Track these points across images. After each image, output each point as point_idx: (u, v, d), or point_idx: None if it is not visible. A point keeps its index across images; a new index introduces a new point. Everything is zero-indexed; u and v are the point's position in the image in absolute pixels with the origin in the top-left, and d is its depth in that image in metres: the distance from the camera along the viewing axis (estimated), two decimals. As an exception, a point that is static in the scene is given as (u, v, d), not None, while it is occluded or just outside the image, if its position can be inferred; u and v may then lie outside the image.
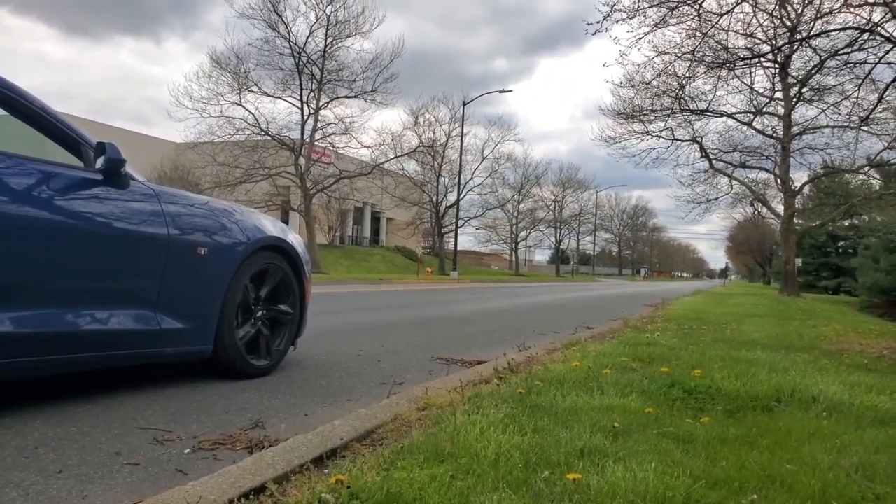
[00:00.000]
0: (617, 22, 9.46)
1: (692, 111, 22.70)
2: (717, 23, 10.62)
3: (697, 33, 11.76)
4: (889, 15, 8.65)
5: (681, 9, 9.53)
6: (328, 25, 25.57)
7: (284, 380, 3.54)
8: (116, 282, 2.87)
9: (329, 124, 27.23)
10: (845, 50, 11.37)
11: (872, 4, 9.73)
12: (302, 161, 26.52)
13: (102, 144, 2.81)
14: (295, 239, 3.95)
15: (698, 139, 24.89)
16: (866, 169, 24.37)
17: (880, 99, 11.82)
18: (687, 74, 15.75)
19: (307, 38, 25.60)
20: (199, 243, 3.20)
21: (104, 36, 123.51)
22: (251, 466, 1.87)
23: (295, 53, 25.61)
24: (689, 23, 10.96)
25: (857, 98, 14.52)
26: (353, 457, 2.05)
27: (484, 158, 41.90)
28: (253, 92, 25.78)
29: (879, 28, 9.23)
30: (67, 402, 2.76)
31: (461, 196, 38.57)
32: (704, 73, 16.05)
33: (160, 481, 1.91)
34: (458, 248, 38.69)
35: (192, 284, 3.18)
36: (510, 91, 36.40)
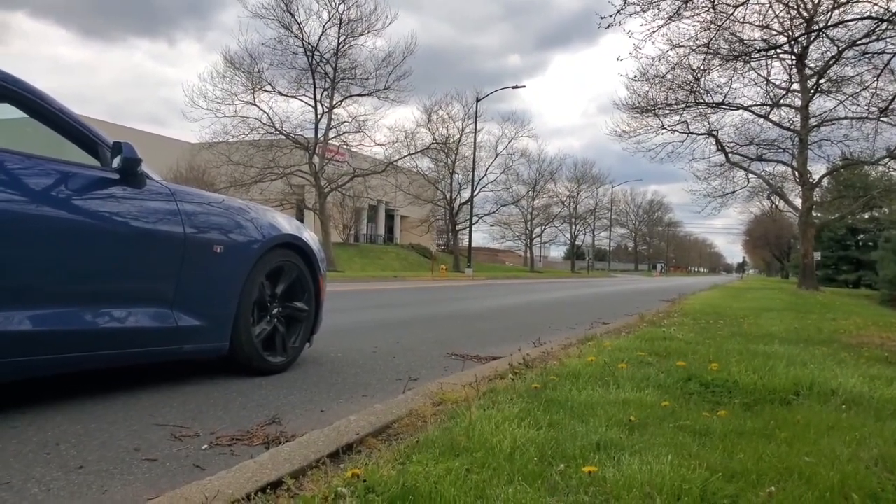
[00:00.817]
0: (630, 15, 9.42)
1: (707, 104, 22.50)
2: (732, 14, 10.52)
3: (712, 25, 11.63)
4: (908, 3, 8.50)
5: (695, 1, 9.44)
6: (341, 24, 25.67)
7: (300, 376, 3.56)
8: (133, 280, 2.89)
9: (342, 122, 27.37)
10: (863, 40, 11.21)
11: (891, -7, 9.58)
12: (316, 160, 26.64)
13: (119, 144, 2.84)
14: (310, 236, 3.97)
15: (714, 132, 24.66)
16: (886, 160, 23.98)
17: (900, 89, 11.63)
18: (702, 67, 15.62)
19: (320, 37, 25.74)
20: (215, 241, 3.21)
21: (119, 38, 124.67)
22: (268, 461, 1.88)
23: (308, 52, 25.72)
24: (703, 15, 10.85)
25: (875, 88, 14.35)
26: (369, 451, 2.06)
27: (498, 155, 41.91)
28: (267, 91, 25.97)
29: (898, 17, 9.09)
30: (87, 399, 2.80)
31: (475, 193, 38.51)
32: (720, 65, 15.91)
33: (178, 476, 1.93)
34: (473, 244, 38.65)
35: (209, 282, 3.19)
36: (524, 87, 36.92)
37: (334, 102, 26.86)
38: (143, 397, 2.90)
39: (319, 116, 26.89)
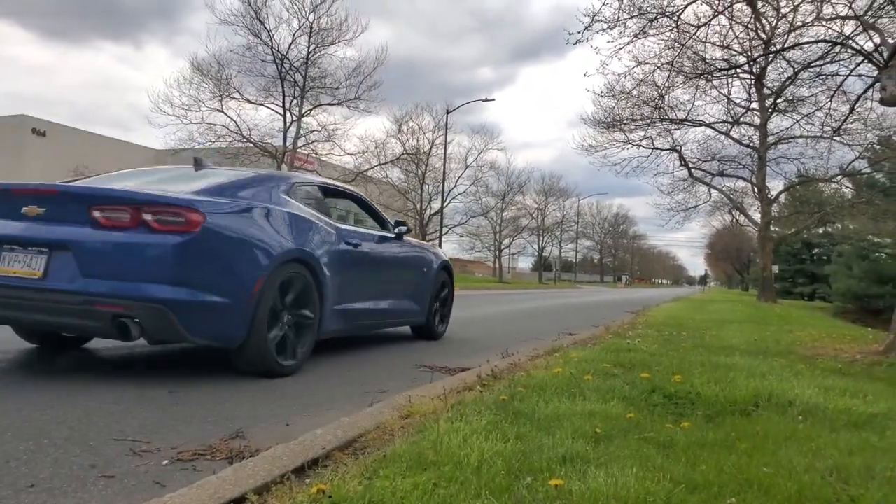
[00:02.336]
0: (598, 32, 9.53)
1: (671, 120, 22.96)
2: (694, 34, 10.78)
3: (676, 44, 11.92)
4: (860, 28, 8.84)
5: (659, 20, 9.66)
6: (311, 33, 25.49)
7: (265, 389, 3.51)
8: (401, 286, 5.56)
9: (312, 131, 27.13)
10: (818, 62, 11.60)
11: (844, 18, 9.94)
12: (284, 168, 26.38)
13: (402, 222, 5.65)
14: (448, 258, 6.73)
15: (678, 148, 25.15)
16: (839, 178, 24.84)
17: (852, 110, 12.07)
18: (666, 84, 15.96)
19: (290, 46, 25.51)
20: (424, 266, 5.99)
21: (83, 40, 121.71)
22: (231, 477, 1.85)
23: (277, 60, 25.49)
24: (667, 34, 11.12)
25: (829, 109, 14.85)
26: (335, 466, 2.04)
27: (467, 166, 41.98)
28: (235, 98, 25.61)
29: (850, 41, 9.43)
30: (40, 413, 2.71)
31: (445, 204, 38.56)
32: (683, 83, 16.29)
33: (136, 494, 1.88)
34: (441, 255, 38.62)
35: (423, 288, 5.92)
36: (493, 100, 37.30)
37: (304, 111, 26.66)
38: (101, 411, 2.82)
39: (288, 125, 26.65)
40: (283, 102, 26.39)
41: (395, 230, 5.44)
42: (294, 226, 3.95)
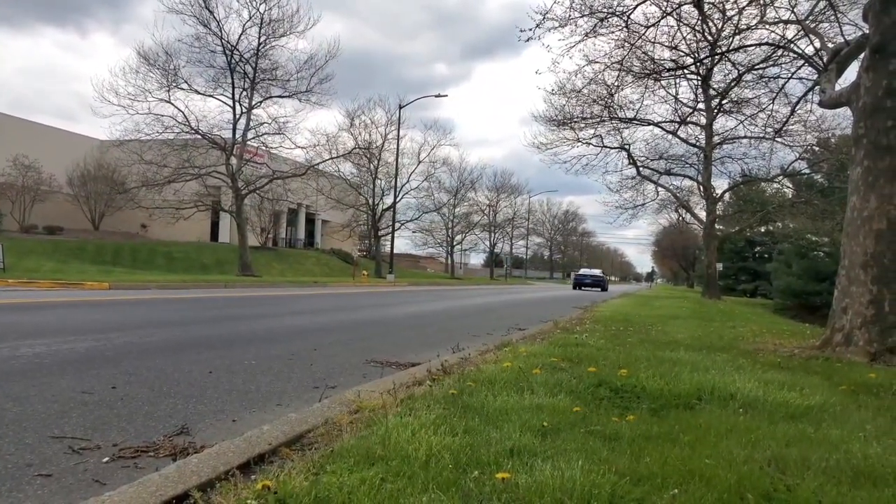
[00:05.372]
0: (549, 30, 9.63)
1: (620, 119, 23.39)
2: (643, 34, 11.01)
3: (626, 44, 12.14)
4: (801, 33, 9.19)
5: (610, 20, 9.82)
6: (261, 24, 24.99)
7: (212, 385, 3.44)
8: (604, 282, 40.28)
9: (262, 124, 26.59)
10: (761, 65, 12.03)
11: (786, 22, 10.33)
12: (233, 161, 25.80)
13: (604, 273, 45.03)
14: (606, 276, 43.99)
15: (626, 147, 25.66)
16: (780, 178, 25.82)
17: (793, 112, 12.58)
18: (616, 83, 16.23)
19: (240, 36, 24.95)
20: (606, 279, 42.08)
21: (23, 25, 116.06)
22: (174, 474, 1.80)
23: (227, 51, 24.91)
24: (617, 33, 11.30)
25: (771, 111, 15.40)
26: (282, 462, 2.01)
27: (420, 162, 41.96)
28: (182, 89, 24.87)
29: (792, 45, 9.80)
30: (-28, 411, 2.59)
31: (398, 199, 38.43)
32: (632, 82, 16.60)
33: (74, 492, 1.82)
34: (395, 250, 38.53)
35: (606, 282, 41.87)
36: (445, 96, 37.50)
37: (254, 103, 26.13)
38: (38, 409, 2.71)
39: (238, 117, 26.06)
40: (233, 94, 25.83)
41: (607, 276, 43.82)
42: (602, 276, 41.48)
